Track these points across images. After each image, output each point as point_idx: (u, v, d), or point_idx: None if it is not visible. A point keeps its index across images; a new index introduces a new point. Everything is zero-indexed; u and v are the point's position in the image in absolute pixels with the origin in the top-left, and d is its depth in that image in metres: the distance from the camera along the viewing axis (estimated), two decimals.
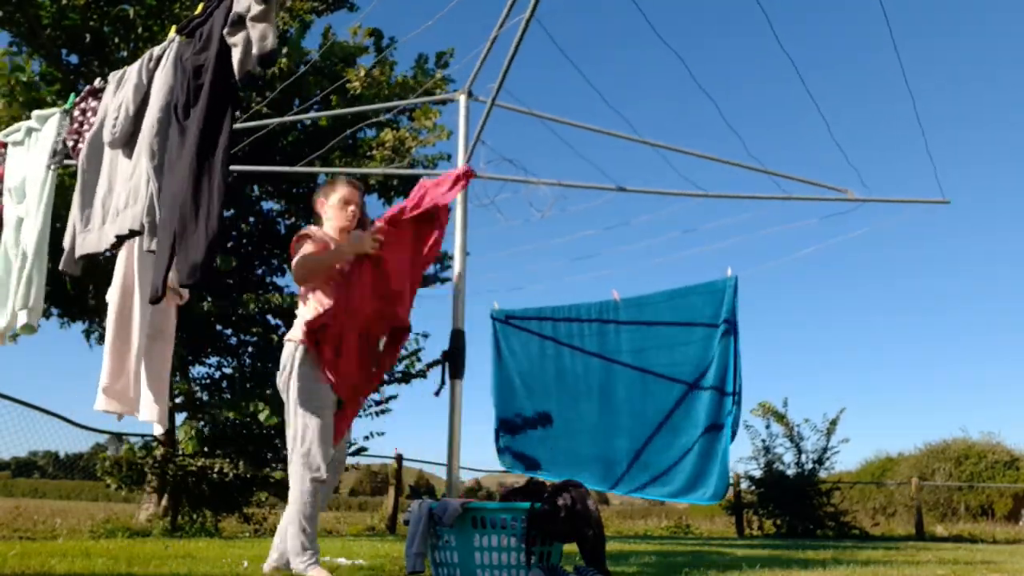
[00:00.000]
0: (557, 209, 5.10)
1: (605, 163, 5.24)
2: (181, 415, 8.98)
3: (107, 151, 3.20)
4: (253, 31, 2.61)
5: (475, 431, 5.84)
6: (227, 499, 8.53)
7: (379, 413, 9.93)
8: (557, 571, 2.93)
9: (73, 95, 3.75)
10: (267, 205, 9.67)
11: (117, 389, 3.60)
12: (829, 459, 12.75)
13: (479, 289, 5.98)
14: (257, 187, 9.45)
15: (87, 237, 3.18)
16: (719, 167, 4.97)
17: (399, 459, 11.79)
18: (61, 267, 3.34)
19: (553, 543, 3.05)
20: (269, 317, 9.23)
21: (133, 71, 3.17)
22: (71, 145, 3.58)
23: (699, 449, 4.77)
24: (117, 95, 3.23)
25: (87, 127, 3.51)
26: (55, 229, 3.70)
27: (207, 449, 8.42)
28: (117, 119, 3.10)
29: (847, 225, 5.09)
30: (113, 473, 8.37)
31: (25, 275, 3.51)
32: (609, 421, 5.24)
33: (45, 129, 3.81)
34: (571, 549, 3.24)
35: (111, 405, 3.61)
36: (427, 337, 9.97)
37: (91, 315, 8.78)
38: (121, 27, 7.83)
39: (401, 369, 9.79)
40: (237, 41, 2.66)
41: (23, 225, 3.69)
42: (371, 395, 9.84)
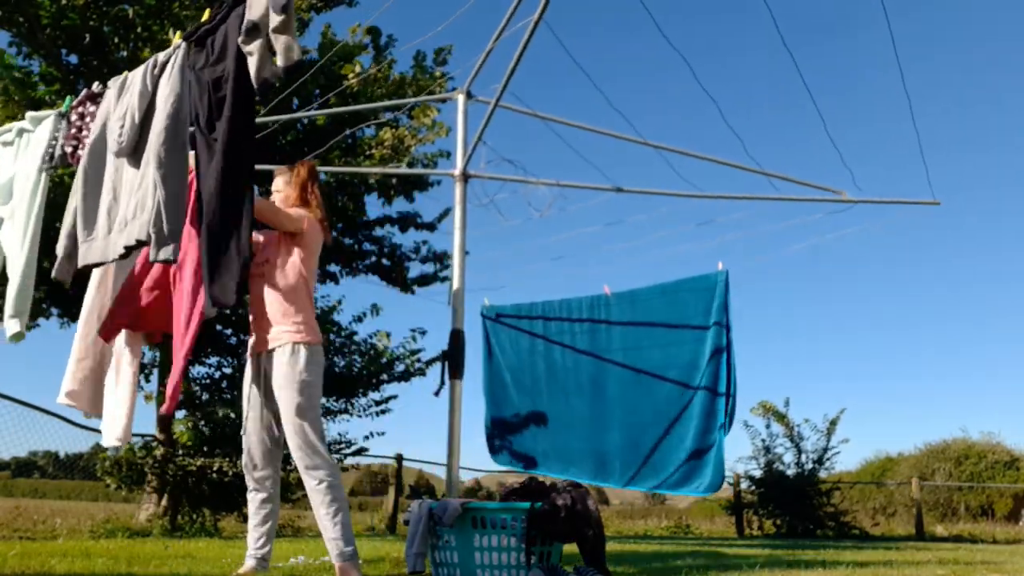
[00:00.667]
0: (556, 208, 5.10)
1: (601, 162, 5.25)
2: (180, 413, 8.98)
3: (110, 159, 3.15)
4: (277, 43, 2.60)
5: (475, 431, 5.85)
6: (227, 499, 8.53)
7: (379, 413, 9.93)
8: (557, 571, 2.92)
9: (69, 99, 3.70)
10: None
11: (80, 386, 3.59)
12: (829, 459, 12.74)
13: (473, 287, 5.98)
14: (256, 187, 9.45)
15: (92, 246, 3.14)
16: (715, 167, 4.99)
17: (399, 459, 11.78)
18: (54, 275, 3.29)
19: (553, 543, 3.04)
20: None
21: (137, 78, 3.13)
22: (69, 151, 3.54)
23: (693, 441, 4.77)
24: (120, 102, 3.19)
25: (86, 132, 3.46)
26: (56, 228, 3.67)
27: (207, 448, 8.42)
28: (123, 127, 3.06)
29: (842, 225, 5.14)
30: (113, 473, 8.36)
31: (17, 282, 3.47)
32: (601, 415, 5.24)
33: (38, 131, 3.74)
34: (571, 549, 3.24)
35: (68, 399, 3.59)
36: (424, 335, 9.98)
37: None
38: (121, 27, 7.82)
39: (401, 369, 9.80)
40: (253, 49, 2.65)
41: (4, 226, 3.64)
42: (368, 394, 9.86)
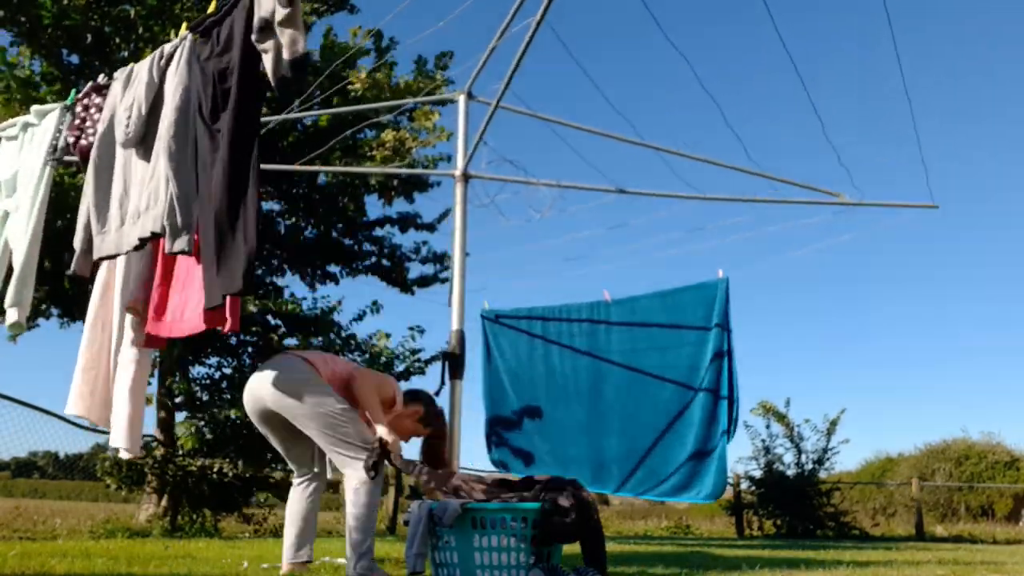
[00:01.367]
0: (556, 210, 5.11)
1: (602, 164, 5.26)
2: (181, 414, 8.98)
3: (119, 151, 3.14)
4: (283, 36, 2.59)
5: (475, 431, 5.85)
6: (227, 499, 8.53)
7: None
8: (557, 571, 2.92)
9: (74, 91, 3.68)
10: (267, 206, 9.67)
11: (87, 397, 3.58)
12: (829, 459, 12.76)
13: (473, 287, 5.98)
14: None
15: (105, 239, 3.13)
16: (716, 169, 5.00)
17: None
18: (72, 269, 3.27)
19: (555, 543, 3.04)
20: (269, 318, 9.24)
21: (143, 69, 3.12)
22: (72, 142, 3.52)
23: (694, 448, 4.77)
24: (127, 93, 3.18)
25: (90, 124, 3.44)
26: (53, 228, 3.66)
27: (207, 449, 8.42)
28: (130, 118, 3.05)
29: (841, 227, 5.16)
30: (113, 473, 8.37)
31: (17, 273, 3.47)
32: (598, 421, 5.24)
33: (43, 124, 3.73)
34: (570, 549, 3.24)
35: (79, 410, 3.59)
36: (423, 333, 9.98)
37: None
38: (122, 27, 7.83)
39: (401, 368, 9.80)
40: (268, 47, 2.64)
41: (10, 219, 3.64)
42: None
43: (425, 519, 3.06)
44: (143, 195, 2.96)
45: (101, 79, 3.53)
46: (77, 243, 3.25)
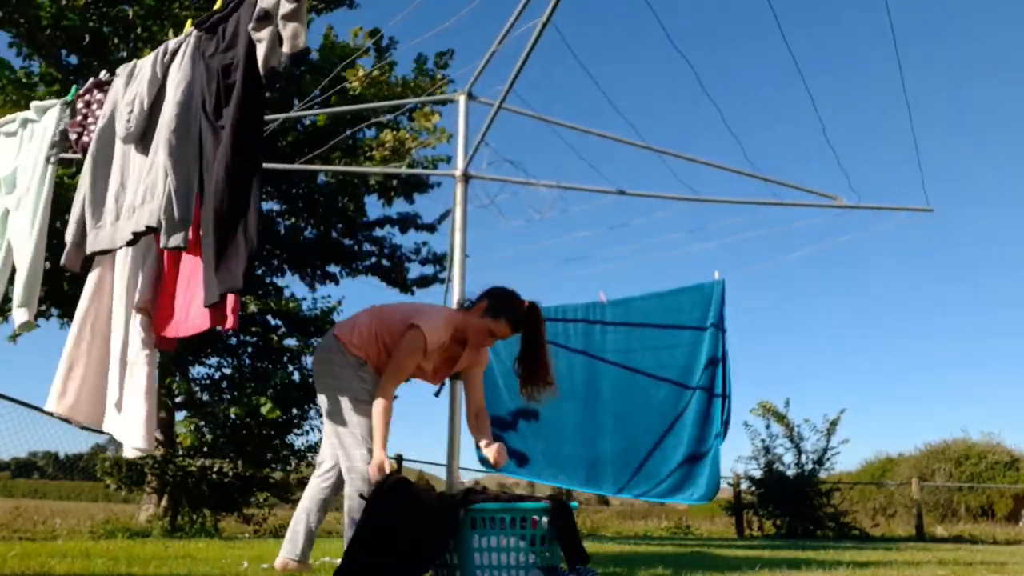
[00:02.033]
0: (556, 210, 5.10)
1: (602, 165, 5.26)
2: (181, 414, 8.98)
3: (118, 145, 3.13)
4: (285, 29, 2.58)
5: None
6: (227, 499, 8.53)
7: None
8: (557, 571, 2.92)
9: (75, 87, 3.66)
10: (266, 206, 9.67)
11: (71, 395, 3.54)
12: (829, 460, 12.75)
13: (473, 288, 5.97)
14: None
15: (99, 233, 3.12)
16: (714, 171, 5.02)
17: (399, 459, 11.78)
18: (63, 262, 3.27)
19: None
20: (268, 317, 9.23)
21: (147, 64, 3.12)
22: (74, 138, 3.50)
23: (687, 450, 4.78)
24: (129, 88, 3.17)
25: (91, 119, 3.42)
26: (53, 228, 3.64)
27: (207, 449, 8.42)
28: (131, 113, 3.04)
29: (838, 229, 5.18)
30: (113, 473, 8.37)
31: (26, 273, 3.46)
32: (593, 421, 5.23)
33: (44, 120, 3.71)
34: None
35: (61, 408, 3.54)
36: None
37: None
38: (120, 27, 7.83)
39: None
40: (263, 36, 2.63)
41: (10, 217, 3.63)
42: None
43: None
44: (139, 189, 2.95)
45: (104, 75, 3.51)
46: (69, 236, 3.23)
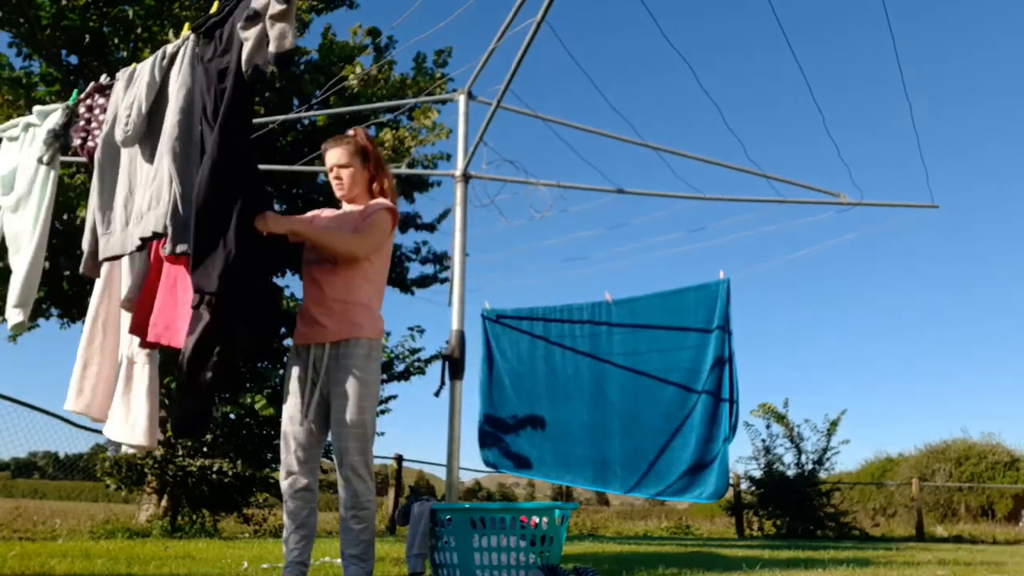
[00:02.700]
0: (556, 210, 5.11)
1: (602, 164, 5.26)
2: None
3: (125, 151, 3.15)
4: (272, 29, 2.59)
5: (475, 432, 5.85)
6: (226, 500, 8.53)
7: (379, 413, 9.94)
8: (557, 571, 2.92)
9: (76, 91, 3.68)
10: None
11: (87, 394, 3.57)
12: (829, 460, 12.75)
13: (473, 287, 5.99)
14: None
15: (110, 240, 3.13)
16: (716, 169, 5.02)
17: (399, 460, 11.79)
18: (81, 270, 3.29)
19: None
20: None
21: (145, 69, 3.12)
22: (78, 143, 3.52)
23: (697, 448, 4.78)
24: (128, 93, 3.17)
25: (95, 124, 3.44)
26: (52, 228, 3.63)
27: (206, 449, 8.41)
28: (129, 117, 3.05)
29: (841, 227, 5.19)
30: (113, 474, 8.36)
31: (24, 274, 3.47)
32: (601, 422, 5.24)
33: (45, 125, 3.73)
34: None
35: (78, 406, 3.57)
36: (423, 333, 9.98)
37: None
38: (120, 28, 7.83)
39: (401, 368, 9.80)
40: (249, 35, 2.63)
41: (7, 217, 3.64)
42: None
43: (426, 519, 3.06)
44: (145, 195, 2.97)
45: (104, 79, 3.52)
46: (85, 244, 3.26)
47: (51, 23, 7.63)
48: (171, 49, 3.06)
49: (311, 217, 3.13)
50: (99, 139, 3.30)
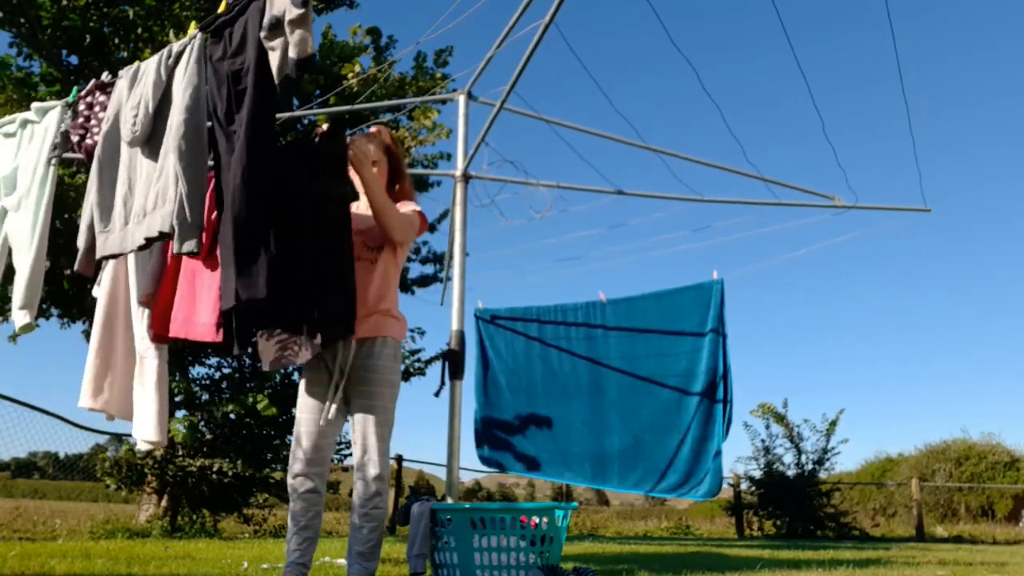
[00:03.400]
0: (556, 210, 5.11)
1: (601, 165, 5.27)
2: (180, 413, 8.98)
3: (124, 149, 3.13)
4: (292, 36, 2.59)
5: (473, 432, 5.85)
6: (226, 500, 8.53)
7: None
8: (557, 571, 2.93)
9: (76, 89, 3.66)
10: None
11: (102, 390, 3.57)
12: (829, 460, 12.75)
13: (473, 287, 5.99)
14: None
15: (109, 238, 3.12)
16: (714, 171, 5.03)
17: (399, 460, 11.79)
18: (76, 268, 3.28)
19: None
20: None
21: (151, 67, 3.11)
22: (76, 140, 3.50)
23: (692, 446, 4.82)
24: (134, 91, 3.16)
25: (94, 122, 3.42)
26: (53, 228, 3.62)
27: (206, 449, 8.42)
28: (136, 116, 3.04)
29: (836, 229, 5.22)
30: (113, 474, 8.36)
31: (27, 275, 3.47)
32: (600, 419, 5.25)
33: (44, 122, 3.71)
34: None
35: (97, 404, 3.57)
36: (423, 335, 9.98)
37: (91, 315, 8.76)
38: (121, 28, 7.83)
39: (400, 369, 9.80)
40: (276, 46, 2.64)
41: (9, 217, 3.63)
42: None
43: (426, 519, 3.06)
44: (150, 194, 2.95)
45: (105, 77, 3.51)
46: (81, 242, 3.25)
47: (51, 23, 7.63)
48: (177, 48, 3.05)
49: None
50: (99, 137, 3.28)
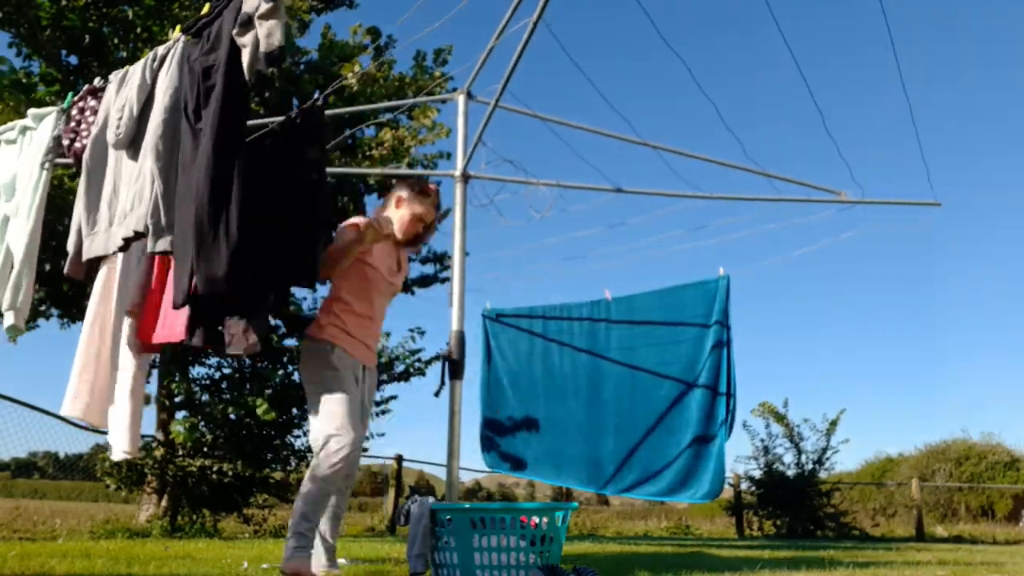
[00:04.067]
0: (556, 209, 5.11)
1: (602, 163, 5.26)
2: (181, 414, 8.97)
3: (111, 152, 3.15)
4: (260, 28, 2.58)
5: (475, 432, 5.86)
6: (227, 500, 8.53)
7: (379, 413, 9.93)
8: (557, 571, 2.92)
9: (71, 94, 3.69)
10: None
11: (85, 397, 3.55)
12: (829, 459, 12.76)
13: (473, 287, 5.99)
14: None
15: (94, 240, 3.13)
16: (715, 168, 5.01)
17: (399, 460, 11.79)
18: (66, 271, 3.28)
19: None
20: (269, 317, 9.21)
21: (136, 71, 3.13)
22: (66, 144, 3.53)
23: (691, 449, 4.79)
24: (120, 95, 3.18)
25: (85, 127, 3.45)
26: (55, 231, 3.62)
27: (206, 449, 8.41)
28: (121, 119, 3.06)
29: (842, 226, 5.18)
30: (113, 474, 8.36)
31: (13, 277, 3.47)
32: (596, 420, 5.25)
33: (40, 128, 3.74)
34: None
35: (76, 411, 3.56)
36: (423, 335, 9.98)
37: None
38: (120, 28, 7.83)
39: (401, 369, 9.79)
40: (247, 42, 2.63)
41: (9, 224, 3.64)
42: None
43: (426, 519, 3.06)
44: (129, 195, 2.96)
45: (97, 82, 3.53)
46: (71, 244, 3.26)
47: (51, 23, 7.63)
48: (162, 51, 3.07)
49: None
50: (88, 140, 3.30)
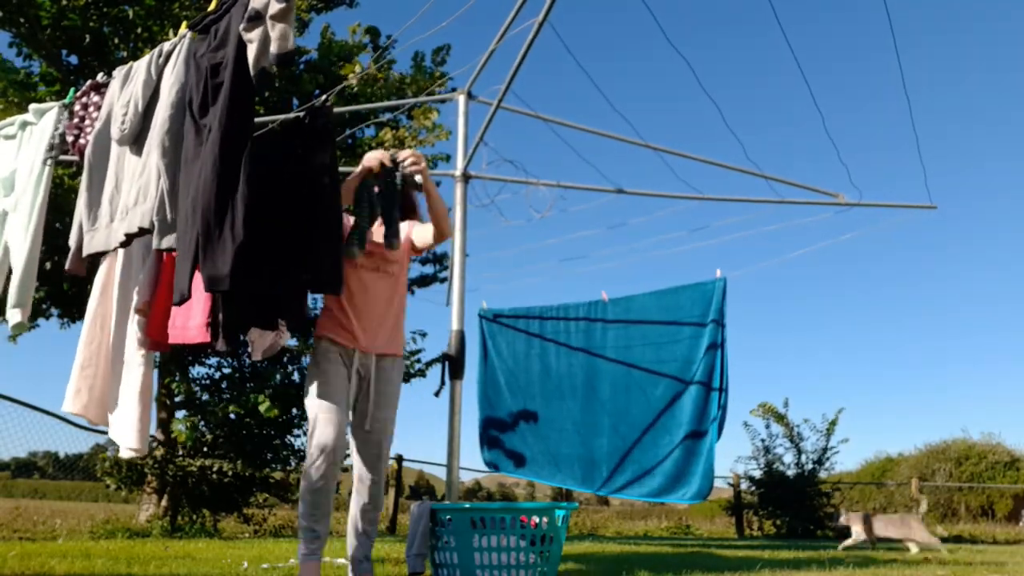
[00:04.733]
0: (556, 210, 5.11)
1: (602, 165, 5.27)
2: (181, 413, 8.97)
3: (114, 147, 3.14)
4: (273, 30, 2.57)
5: (475, 431, 5.86)
6: (226, 500, 8.52)
7: None
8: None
9: (73, 90, 3.67)
10: None
11: (84, 395, 3.55)
12: (829, 459, 12.75)
13: (473, 287, 6.00)
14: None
15: (95, 236, 3.12)
16: (715, 169, 5.03)
17: (399, 460, 11.79)
18: (67, 267, 3.27)
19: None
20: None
21: (142, 66, 3.12)
22: (70, 140, 3.51)
23: (682, 448, 4.81)
24: (125, 90, 3.17)
25: (88, 122, 3.43)
26: (53, 229, 3.62)
27: (206, 449, 8.41)
28: (126, 115, 3.05)
29: (840, 228, 5.20)
30: (113, 473, 8.36)
31: (19, 274, 3.46)
32: (592, 420, 5.27)
33: (42, 123, 3.72)
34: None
35: (77, 408, 3.56)
36: (424, 336, 9.98)
37: None
38: (121, 28, 7.83)
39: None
40: (253, 37, 2.62)
41: (8, 219, 3.63)
42: None
43: (426, 519, 3.06)
44: (132, 191, 2.95)
45: (101, 77, 3.51)
46: (72, 241, 3.25)
47: (51, 23, 7.63)
48: (168, 47, 3.05)
49: None
50: (91, 136, 3.29)
